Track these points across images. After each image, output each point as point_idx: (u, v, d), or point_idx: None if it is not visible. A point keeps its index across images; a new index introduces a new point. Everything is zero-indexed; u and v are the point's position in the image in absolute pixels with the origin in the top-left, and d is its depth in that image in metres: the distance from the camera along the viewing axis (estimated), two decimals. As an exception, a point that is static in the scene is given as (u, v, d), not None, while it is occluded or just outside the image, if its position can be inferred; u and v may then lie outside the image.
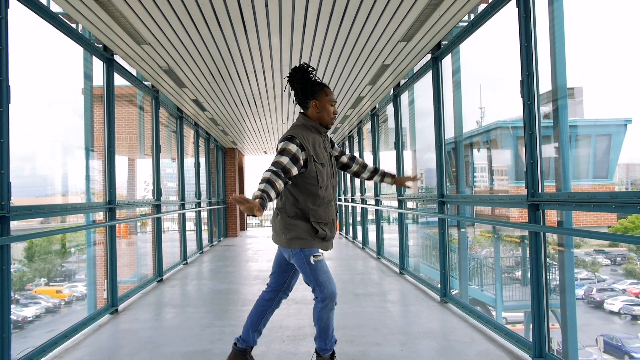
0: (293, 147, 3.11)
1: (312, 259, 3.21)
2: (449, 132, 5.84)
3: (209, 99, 8.41)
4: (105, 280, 5.68)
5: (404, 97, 7.74)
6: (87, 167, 7.20)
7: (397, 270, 7.94)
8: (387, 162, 9.85)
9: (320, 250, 3.28)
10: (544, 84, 3.70)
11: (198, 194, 11.06)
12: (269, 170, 3.01)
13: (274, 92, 7.91)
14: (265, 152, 18.01)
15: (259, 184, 2.92)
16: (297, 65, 3.46)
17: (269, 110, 9.46)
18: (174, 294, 6.69)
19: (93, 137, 6.82)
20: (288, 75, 3.37)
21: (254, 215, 2.67)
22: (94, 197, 7.86)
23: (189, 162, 10.75)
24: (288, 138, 3.16)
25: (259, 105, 9.01)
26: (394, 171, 5.43)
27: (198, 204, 11.11)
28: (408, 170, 8.91)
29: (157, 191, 7.52)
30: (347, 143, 14.05)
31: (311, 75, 3.34)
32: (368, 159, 11.02)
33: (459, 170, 7.55)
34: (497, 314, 12.92)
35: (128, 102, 9.04)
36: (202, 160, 12.20)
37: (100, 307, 5.54)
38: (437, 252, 6.14)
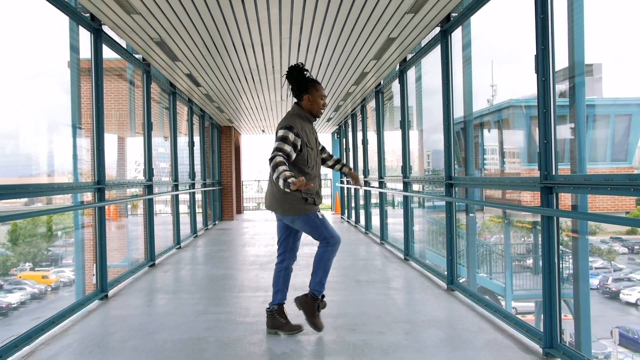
0: (291, 136, 3.97)
1: (319, 214, 4.16)
2: (458, 111, 5.83)
3: (203, 74, 8.38)
4: (95, 265, 5.72)
5: (411, 73, 7.71)
6: (74, 146, 7.19)
7: (402, 256, 7.98)
8: (393, 142, 9.84)
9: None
10: (561, 59, 3.68)
11: (192, 175, 11.08)
12: (279, 155, 3.84)
13: (273, 67, 7.88)
14: (263, 131, 17.99)
15: (280, 166, 3.74)
16: (293, 64, 4.18)
17: (267, 86, 9.43)
18: (167, 279, 6.74)
19: (80, 114, 6.81)
20: (286, 72, 4.21)
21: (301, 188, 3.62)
22: (82, 177, 7.87)
23: (183, 141, 10.74)
24: (287, 127, 3.99)
25: (257, 81, 8.98)
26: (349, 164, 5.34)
27: (192, 185, 11.13)
28: (414, 152, 8.91)
29: (149, 171, 7.53)
30: (349, 122, 14.03)
31: (305, 73, 4.18)
32: (372, 139, 11.00)
33: (468, 152, 7.54)
34: (506, 304, 13.01)
35: (117, 76, 9.00)
36: (197, 139, 12.19)
37: (89, 292, 5.58)
38: (443, 237, 6.17)
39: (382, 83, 9.40)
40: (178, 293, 5.82)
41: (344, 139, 15.84)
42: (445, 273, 5.91)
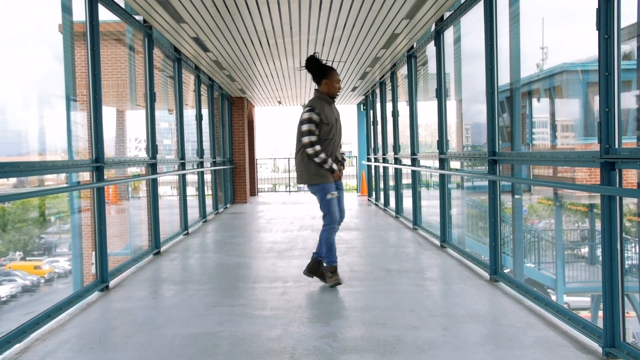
0: (315, 116, 5.53)
1: (328, 195, 5.57)
2: (503, 78, 5.74)
3: (212, 37, 8.36)
4: (93, 253, 5.79)
5: (449, 34, 7.60)
6: (68, 120, 7.26)
7: (438, 242, 7.96)
8: (427, 115, 9.76)
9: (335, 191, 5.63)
10: (628, 14, 3.57)
11: (200, 153, 11.13)
12: (315, 143, 5.49)
13: (291, 28, 7.83)
14: (280, 103, 17.98)
15: (320, 154, 5.48)
16: (309, 55, 5.76)
17: (284, 50, 9.39)
18: (174, 268, 6.81)
19: (75, 85, 6.86)
20: (304, 64, 5.84)
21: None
22: (78, 156, 7.96)
23: (189, 114, 10.78)
24: (310, 108, 5.58)
25: (273, 45, 8.94)
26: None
27: (200, 164, 11.19)
28: (452, 125, 8.82)
29: (153, 148, 7.57)
30: (377, 91, 13.94)
31: (321, 61, 5.78)
32: (403, 110, 10.93)
33: (514, 124, 7.44)
34: (557, 297, 12.93)
35: (116, 41, 9.04)
36: (205, 112, 12.23)
37: (88, 283, 5.67)
38: (485, 222, 6.13)
39: (415, 46, 9.30)
40: (186, 284, 5.88)
41: (371, 111, 15.76)
42: (488, 262, 5.88)
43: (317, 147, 5.47)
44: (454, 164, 8.24)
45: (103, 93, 5.71)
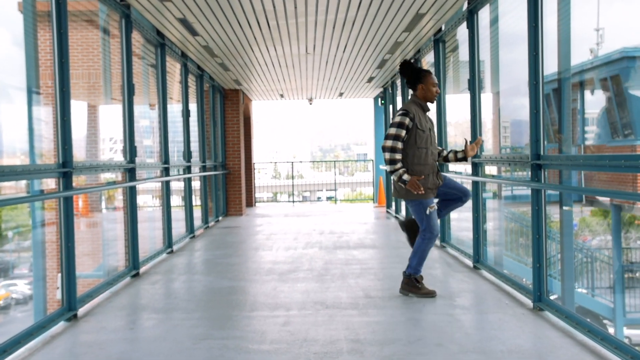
0: (407, 120, 5.98)
1: (427, 210, 6.06)
2: (550, 66, 5.73)
3: (202, 18, 8.39)
4: (59, 275, 5.79)
5: (484, 15, 7.59)
6: (29, 117, 7.28)
7: (470, 263, 7.93)
8: (457, 110, 9.75)
9: (435, 200, 6.18)
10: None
11: (187, 156, 11.16)
12: (394, 147, 5.96)
13: (295, 7, 7.84)
14: (282, 96, 18.02)
15: (395, 164, 5.96)
16: (404, 60, 6.29)
17: (287, 34, 9.40)
18: (155, 293, 6.81)
19: (38, 74, 6.89)
20: (399, 69, 6.36)
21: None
22: (41, 159, 7.99)
23: (175, 109, 10.81)
24: (403, 112, 6.03)
25: (273, 28, 8.96)
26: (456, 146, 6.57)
27: (187, 169, 11.21)
28: (487, 123, 8.80)
29: (131, 150, 7.59)
30: (398, 83, 13.94)
31: (416, 65, 6.36)
32: (429, 105, 10.91)
33: (563, 122, 7.43)
34: (615, 330, 12.85)
35: (87, 22, 9.08)
36: (193, 107, 12.25)
37: (52, 311, 5.67)
38: (527, 239, 6.11)
39: (443, 29, 9.29)
40: (170, 312, 5.87)
41: (391, 106, 15.75)
42: (531, 287, 5.85)
43: (397, 156, 5.96)
44: (490, 170, 8.22)
45: (72, 85, 5.73)
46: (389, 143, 5.95)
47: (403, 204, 13.88)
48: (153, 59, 9.45)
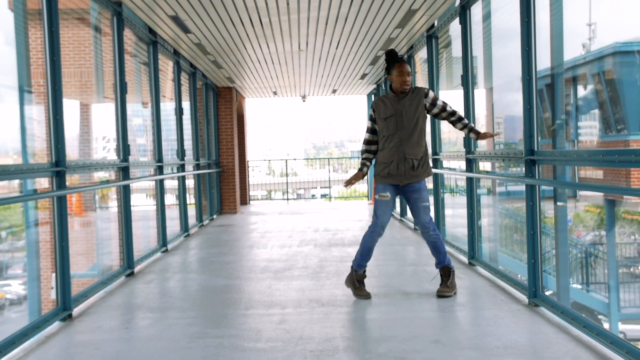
0: (370, 123, 6.16)
1: (376, 195, 6.02)
2: (543, 62, 5.73)
3: (194, 15, 8.37)
4: (53, 275, 5.78)
5: (477, 10, 7.59)
6: (21, 116, 7.26)
7: (465, 259, 7.94)
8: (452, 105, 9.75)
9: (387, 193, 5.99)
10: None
11: (181, 154, 11.14)
12: (363, 146, 6.25)
13: (288, 3, 7.83)
14: (275, 93, 18.00)
15: (363, 154, 6.24)
16: (388, 49, 6.13)
17: (280, 31, 9.39)
18: (150, 292, 6.80)
19: (29, 73, 6.86)
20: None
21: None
22: (34, 158, 7.97)
23: (168, 107, 10.79)
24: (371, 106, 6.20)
25: (266, 24, 8.94)
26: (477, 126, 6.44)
27: (181, 168, 11.20)
28: (480, 119, 8.81)
29: (124, 148, 7.57)
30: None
31: (394, 56, 6.05)
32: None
33: (556, 117, 7.43)
34: (610, 326, 12.89)
35: (78, 20, 9.05)
36: (186, 105, 12.23)
37: (46, 311, 5.66)
38: (521, 235, 6.12)
39: (436, 24, 9.29)
40: (165, 311, 5.86)
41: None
42: (526, 282, 5.86)
43: (362, 147, 6.23)
44: (484, 166, 8.23)
45: (64, 83, 5.72)
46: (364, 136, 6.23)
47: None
48: (145, 56, 9.43)
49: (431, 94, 6.11)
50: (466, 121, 6.12)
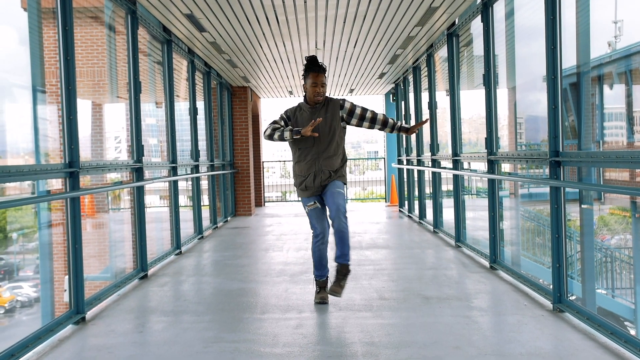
0: (281, 116, 6.29)
1: (306, 208, 6.19)
2: (568, 60, 5.69)
3: (209, 13, 8.39)
4: (66, 278, 5.81)
5: (499, 8, 7.57)
6: (34, 116, 7.31)
7: (487, 263, 7.91)
8: (471, 107, 9.72)
9: (313, 202, 6.13)
10: None
11: (195, 155, 11.17)
12: (268, 128, 6.20)
13: (305, 1, 7.83)
14: (291, 93, 18.03)
15: (275, 132, 6.09)
16: (309, 56, 6.16)
17: (296, 29, 9.40)
18: (164, 296, 6.82)
19: (43, 73, 6.90)
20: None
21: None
22: (47, 159, 8.02)
23: (182, 107, 10.82)
24: (284, 112, 6.31)
25: (283, 23, 8.95)
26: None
27: (195, 169, 11.23)
28: (503, 118, 8.77)
29: (138, 149, 7.60)
30: (410, 78, 13.91)
31: (309, 64, 6.14)
32: (442, 101, 10.89)
33: (581, 117, 7.38)
34: (637, 332, 12.77)
35: (92, 19, 9.10)
36: (200, 104, 12.27)
37: (59, 314, 5.69)
38: (545, 238, 6.08)
39: (457, 22, 9.27)
40: (180, 315, 5.88)
41: (402, 102, 15.73)
42: (551, 288, 5.83)
43: (268, 131, 6.18)
44: (506, 167, 8.19)
45: (77, 83, 5.74)
46: (266, 131, 6.19)
47: (417, 203, 13.87)
48: (159, 55, 9.47)
49: (347, 104, 6.16)
50: (392, 121, 6.16)
